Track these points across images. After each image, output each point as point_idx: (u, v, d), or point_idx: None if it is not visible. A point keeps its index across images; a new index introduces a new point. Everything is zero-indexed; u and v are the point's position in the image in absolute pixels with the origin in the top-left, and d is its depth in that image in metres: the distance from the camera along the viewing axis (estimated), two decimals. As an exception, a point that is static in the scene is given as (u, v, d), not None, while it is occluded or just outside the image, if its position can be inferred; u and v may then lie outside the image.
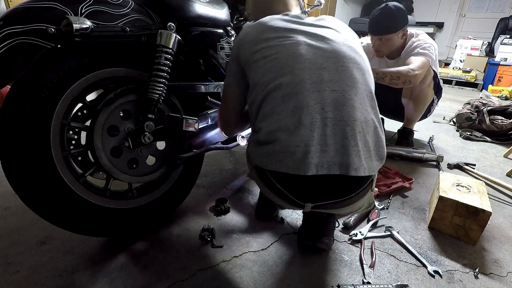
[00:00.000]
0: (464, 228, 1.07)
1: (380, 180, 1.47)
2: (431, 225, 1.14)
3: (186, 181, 1.13)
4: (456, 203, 1.06)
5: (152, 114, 0.91)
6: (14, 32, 0.69)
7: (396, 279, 0.91)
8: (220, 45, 1.12)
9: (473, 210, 1.03)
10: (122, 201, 0.96)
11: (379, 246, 1.04)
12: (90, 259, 0.93)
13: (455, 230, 1.09)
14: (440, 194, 1.09)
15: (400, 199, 1.35)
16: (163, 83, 0.91)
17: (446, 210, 1.09)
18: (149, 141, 0.92)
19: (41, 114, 0.77)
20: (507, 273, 0.95)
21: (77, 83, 0.82)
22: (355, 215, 1.16)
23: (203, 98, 1.10)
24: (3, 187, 1.30)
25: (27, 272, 0.88)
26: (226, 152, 1.78)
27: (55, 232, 1.04)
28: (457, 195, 1.10)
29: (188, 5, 0.98)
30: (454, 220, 1.08)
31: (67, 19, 0.72)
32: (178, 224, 1.11)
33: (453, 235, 1.10)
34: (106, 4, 0.82)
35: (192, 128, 0.99)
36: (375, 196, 1.31)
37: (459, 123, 2.44)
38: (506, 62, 4.39)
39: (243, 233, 1.08)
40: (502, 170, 1.72)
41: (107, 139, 0.88)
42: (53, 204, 0.81)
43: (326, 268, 0.93)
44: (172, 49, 0.91)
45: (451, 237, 1.10)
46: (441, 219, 1.11)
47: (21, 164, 0.75)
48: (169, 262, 0.93)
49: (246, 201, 1.28)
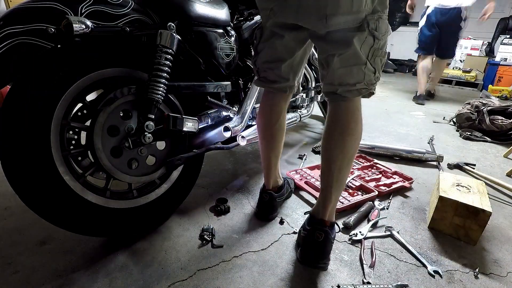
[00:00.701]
0: (464, 228, 1.07)
1: (380, 180, 1.47)
2: (431, 225, 1.14)
3: (186, 181, 1.13)
4: (456, 203, 1.06)
5: (152, 114, 0.91)
6: (14, 32, 0.69)
7: (396, 279, 0.91)
8: (220, 45, 1.12)
9: (473, 210, 1.03)
10: (122, 201, 0.96)
11: (379, 246, 1.04)
12: (90, 259, 0.93)
13: (455, 230, 1.09)
14: (440, 194, 1.09)
15: (400, 199, 1.34)
16: (163, 83, 0.91)
17: (446, 210, 1.09)
18: (149, 141, 0.92)
19: (41, 114, 0.77)
20: (507, 273, 0.95)
21: (77, 83, 0.82)
22: (355, 215, 1.16)
23: (203, 98, 1.10)
24: (3, 187, 1.30)
25: (27, 272, 0.88)
26: (226, 152, 1.78)
27: (55, 232, 1.04)
28: (457, 195, 1.10)
29: (188, 5, 0.98)
30: (454, 220, 1.08)
31: (67, 19, 0.72)
32: (178, 224, 1.11)
33: (453, 235, 1.10)
34: (106, 4, 0.82)
35: (192, 128, 0.99)
36: (376, 196, 1.31)
37: (459, 123, 2.44)
38: (506, 62, 4.39)
39: (243, 233, 1.08)
40: (502, 170, 1.72)
41: (107, 139, 0.88)
42: (53, 204, 0.81)
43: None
44: (172, 49, 0.91)
45: (451, 237, 1.10)
46: (441, 219, 1.11)
47: (21, 164, 0.75)
48: (169, 262, 0.93)
49: (246, 201, 1.28)
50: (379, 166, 1.61)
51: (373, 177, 1.48)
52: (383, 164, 1.62)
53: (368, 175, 1.51)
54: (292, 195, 1.35)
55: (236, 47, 1.19)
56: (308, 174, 1.48)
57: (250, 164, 1.65)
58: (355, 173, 1.49)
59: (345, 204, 1.23)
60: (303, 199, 1.32)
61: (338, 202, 1.24)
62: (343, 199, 1.27)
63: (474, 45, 4.89)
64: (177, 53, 0.96)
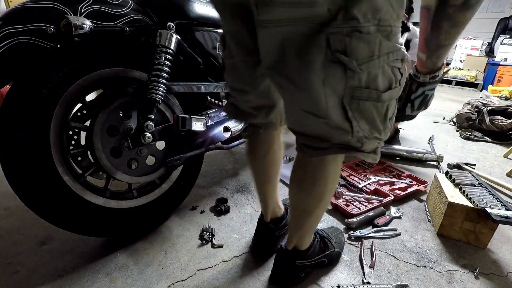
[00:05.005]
0: (475, 233, 1.05)
1: (394, 184, 1.43)
2: (440, 232, 1.10)
3: (186, 181, 1.13)
4: (467, 208, 1.03)
5: (152, 114, 0.91)
6: (14, 32, 0.69)
7: (396, 279, 0.91)
8: (220, 45, 1.12)
9: (484, 214, 1.00)
10: (122, 201, 0.96)
11: (379, 246, 1.04)
12: (90, 259, 0.93)
13: (465, 235, 1.07)
14: (449, 200, 1.06)
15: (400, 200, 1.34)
16: (163, 83, 0.91)
17: (455, 216, 1.06)
18: (148, 141, 0.91)
19: (40, 114, 0.77)
20: (507, 273, 0.95)
21: (77, 83, 0.82)
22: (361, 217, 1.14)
23: (203, 98, 1.10)
24: (3, 187, 1.30)
25: (27, 272, 0.88)
26: (226, 152, 1.78)
27: (55, 232, 1.04)
28: (461, 198, 1.08)
29: (187, 5, 0.98)
30: (465, 225, 1.05)
31: (66, 19, 0.72)
32: (178, 224, 1.11)
33: (463, 240, 1.07)
34: (106, 4, 0.82)
35: (201, 128, 1.00)
36: (391, 201, 1.26)
37: (459, 123, 2.44)
38: (506, 62, 4.40)
39: (243, 233, 1.08)
40: (502, 170, 1.72)
41: (106, 139, 0.88)
42: (53, 204, 0.81)
43: (326, 268, 0.93)
44: (172, 49, 0.91)
45: (460, 242, 1.08)
46: (450, 225, 1.08)
47: (21, 164, 0.75)
48: (169, 262, 0.93)
49: (246, 201, 1.28)
50: (391, 169, 1.59)
51: (387, 181, 1.45)
52: (396, 167, 1.59)
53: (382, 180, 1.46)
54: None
55: (236, 47, 1.19)
56: None
57: (250, 164, 1.65)
58: (371, 179, 1.44)
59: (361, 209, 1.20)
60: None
61: (355, 207, 1.22)
62: (360, 204, 1.25)
63: (474, 45, 4.90)
64: (177, 53, 0.96)
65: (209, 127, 1.11)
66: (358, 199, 1.28)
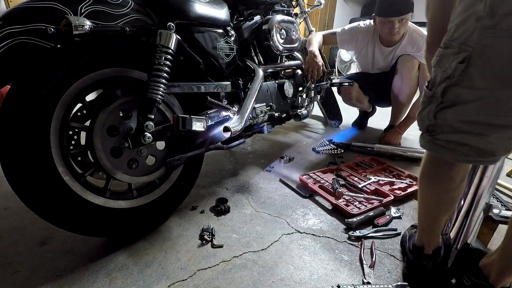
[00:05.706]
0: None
1: (394, 184, 1.43)
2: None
3: (186, 181, 1.13)
4: None
5: (152, 114, 0.91)
6: (14, 32, 0.69)
7: (396, 279, 0.90)
8: (220, 45, 1.12)
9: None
10: (122, 201, 0.96)
11: (379, 246, 1.04)
12: (90, 259, 0.93)
13: None
14: None
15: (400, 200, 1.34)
16: (163, 83, 0.91)
17: None
18: (148, 141, 0.91)
19: (40, 114, 0.77)
20: (507, 273, 0.95)
21: (77, 83, 0.82)
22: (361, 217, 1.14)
23: (202, 98, 1.10)
24: (3, 187, 1.30)
25: (27, 272, 0.88)
26: (226, 152, 1.78)
27: (55, 232, 1.03)
28: None
29: (188, 5, 0.98)
30: None
31: (66, 19, 0.72)
32: (178, 224, 1.11)
33: None
34: (106, 4, 0.82)
35: (201, 128, 1.00)
36: (392, 201, 1.26)
37: (459, 123, 2.43)
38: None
39: (243, 233, 1.08)
40: (502, 170, 1.71)
41: (106, 139, 0.88)
42: (53, 204, 0.81)
43: (326, 268, 0.93)
44: (172, 49, 0.91)
45: None
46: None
47: (21, 164, 0.75)
48: (169, 262, 0.93)
49: (246, 201, 1.28)
50: (391, 169, 1.59)
51: (387, 181, 1.45)
52: (396, 167, 1.59)
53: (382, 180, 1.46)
54: (306, 199, 1.31)
55: (236, 47, 1.19)
56: (322, 178, 1.45)
57: (250, 164, 1.65)
58: (371, 179, 1.44)
59: (361, 209, 1.20)
60: (318, 203, 1.29)
61: (355, 207, 1.23)
62: (360, 204, 1.25)
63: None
64: (177, 53, 0.96)
65: (209, 127, 1.11)
66: (358, 199, 1.28)
